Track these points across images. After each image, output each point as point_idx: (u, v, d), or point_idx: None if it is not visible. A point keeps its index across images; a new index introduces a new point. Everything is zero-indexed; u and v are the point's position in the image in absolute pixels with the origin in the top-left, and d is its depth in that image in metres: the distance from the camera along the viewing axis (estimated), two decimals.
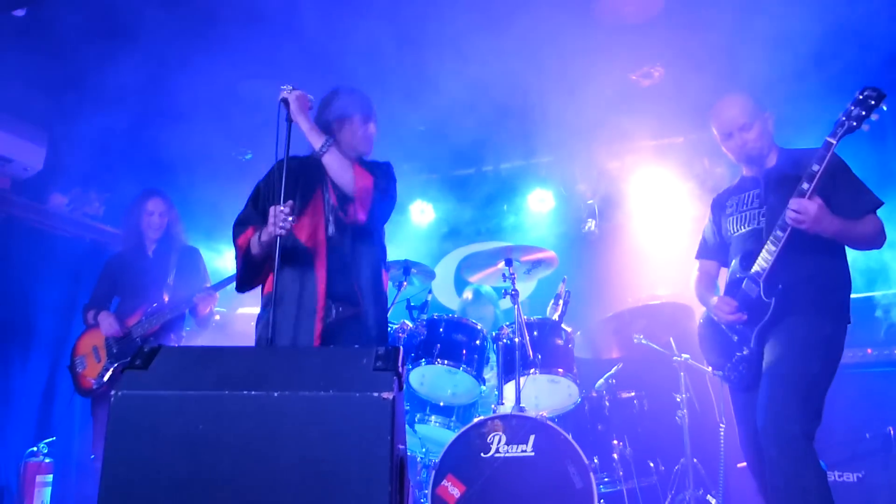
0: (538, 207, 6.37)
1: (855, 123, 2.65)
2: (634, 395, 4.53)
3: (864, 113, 2.64)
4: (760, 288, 2.87)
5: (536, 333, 4.08)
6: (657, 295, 4.97)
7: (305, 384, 1.74)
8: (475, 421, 3.60)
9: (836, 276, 2.92)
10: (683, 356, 4.33)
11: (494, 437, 3.52)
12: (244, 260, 2.95)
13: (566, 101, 5.00)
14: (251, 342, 5.36)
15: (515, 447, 3.50)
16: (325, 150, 2.89)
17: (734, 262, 3.11)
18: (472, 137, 5.61)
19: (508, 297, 4.05)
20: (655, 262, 5.48)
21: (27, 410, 5.20)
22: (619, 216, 6.04)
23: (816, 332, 2.80)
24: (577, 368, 4.15)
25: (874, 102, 2.63)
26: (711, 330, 3.18)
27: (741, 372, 2.99)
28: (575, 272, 5.43)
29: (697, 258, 3.40)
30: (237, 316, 5.79)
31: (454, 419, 4.28)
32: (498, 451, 3.49)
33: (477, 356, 4.19)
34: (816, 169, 2.68)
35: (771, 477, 2.72)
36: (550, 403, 4.13)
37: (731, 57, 4.28)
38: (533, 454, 3.48)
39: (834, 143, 2.67)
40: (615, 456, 4.23)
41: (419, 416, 4.27)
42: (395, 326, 4.26)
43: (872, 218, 2.86)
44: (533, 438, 3.50)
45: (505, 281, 4.15)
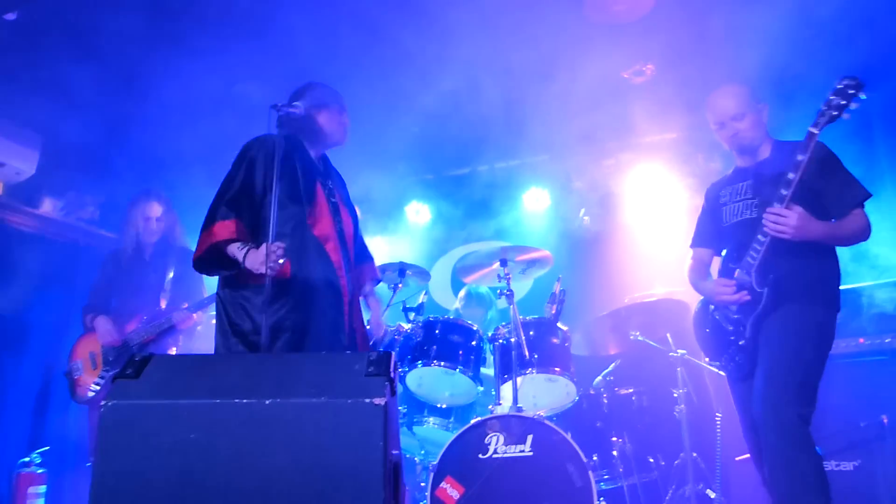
0: (534, 206, 6.37)
1: (836, 113, 2.69)
2: (633, 391, 4.53)
3: (843, 102, 2.67)
4: (753, 278, 2.91)
5: (533, 333, 4.07)
6: (653, 292, 4.97)
7: (297, 391, 1.73)
8: (473, 422, 3.59)
9: (826, 266, 2.96)
10: (680, 352, 4.33)
11: (492, 437, 3.51)
12: (215, 251, 2.81)
13: (560, 99, 5.00)
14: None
15: (514, 447, 3.49)
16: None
17: (726, 252, 3.16)
18: (466, 137, 5.61)
19: (504, 297, 4.05)
20: (651, 258, 5.48)
21: (20, 418, 5.16)
22: (614, 213, 6.05)
23: (809, 319, 2.85)
24: (574, 366, 4.15)
25: (853, 91, 2.67)
26: (707, 321, 3.21)
27: (738, 362, 3.03)
28: (571, 270, 5.43)
29: (692, 247, 3.43)
30: None
31: (452, 420, 4.28)
32: (496, 451, 3.48)
33: (474, 357, 4.19)
34: (801, 159, 2.72)
35: (769, 461, 2.75)
36: (548, 402, 4.13)
37: (722, 53, 4.28)
38: (531, 454, 3.47)
39: (816, 132, 2.71)
40: (615, 453, 4.23)
41: (417, 417, 4.26)
42: (391, 328, 4.25)
43: (859, 213, 2.89)
44: (531, 438, 3.50)
45: (500, 281, 4.14)
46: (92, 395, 4.21)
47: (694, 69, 4.50)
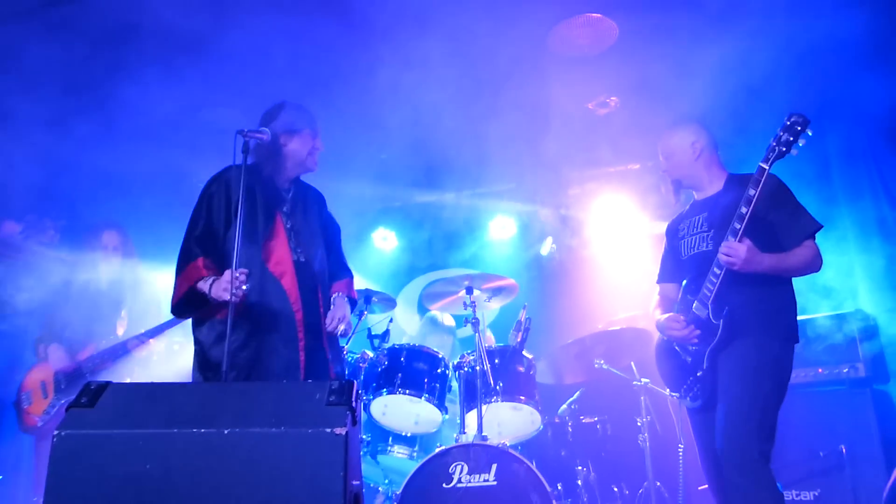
0: (500, 234, 6.42)
1: (784, 149, 2.76)
2: (597, 419, 4.54)
3: (792, 138, 2.75)
4: (709, 310, 2.94)
5: (498, 361, 4.07)
6: (617, 320, 5.02)
7: (257, 421, 1.70)
8: (436, 451, 3.56)
9: (780, 296, 3.00)
10: (644, 380, 4.36)
11: (456, 466, 3.48)
12: (189, 294, 2.84)
13: (526, 129, 5.08)
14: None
15: (478, 477, 3.46)
16: None
17: (684, 284, 3.20)
18: (434, 165, 5.65)
19: (469, 325, 4.05)
20: (615, 287, 5.54)
21: None
22: (578, 242, 6.12)
23: (766, 352, 2.87)
24: (539, 395, 4.15)
25: (800, 128, 2.75)
26: (667, 352, 3.24)
27: (696, 393, 3.04)
28: (536, 298, 5.47)
29: (658, 283, 3.47)
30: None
31: (417, 449, 4.23)
32: (460, 481, 3.45)
33: (439, 385, 4.16)
34: (752, 193, 2.79)
35: (731, 498, 2.77)
36: (513, 431, 4.12)
37: (684, 86, 4.40)
38: (495, 483, 3.45)
39: (766, 168, 2.79)
40: (579, 482, 4.23)
41: (381, 446, 4.20)
42: (356, 356, 4.22)
43: (809, 244, 2.94)
44: (495, 467, 3.48)
45: (466, 309, 4.15)
46: (41, 424, 4.09)
47: (656, 101, 4.61)
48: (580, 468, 4.28)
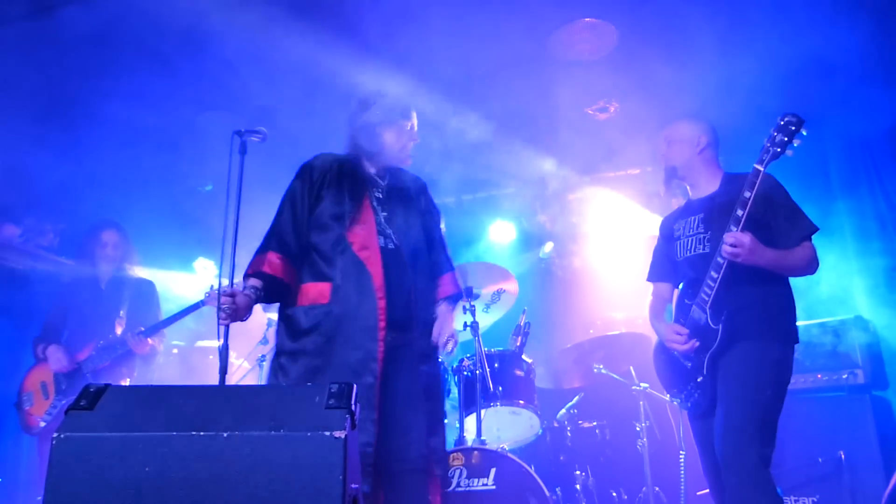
0: (499, 239, 6.42)
1: (779, 149, 2.72)
2: (596, 424, 4.55)
3: (786, 139, 2.71)
4: (707, 315, 2.91)
5: (497, 365, 4.07)
6: (616, 325, 5.03)
7: (256, 424, 1.70)
8: None
9: (780, 299, 2.97)
10: (643, 385, 4.36)
11: (455, 471, 3.48)
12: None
13: (526, 133, 5.10)
14: (210, 375, 5.33)
15: (476, 481, 3.46)
16: None
17: (682, 287, 3.17)
18: (433, 169, 5.65)
19: (468, 328, 4.05)
20: (614, 292, 5.54)
21: None
22: (578, 246, 6.12)
23: (766, 355, 2.85)
24: (538, 399, 4.15)
25: (795, 128, 2.70)
26: (666, 357, 3.21)
27: (696, 399, 3.02)
28: (536, 303, 5.47)
29: (649, 280, 3.42)
30: (195, 349, 5.68)
31: None
32: (459, 485, 3.45)
33: None
34: (748, 195, 2.75)
35: (731, 502, 2.74)
36: (512, 435, 4.12)
37: (684, 90, 4.41)
38: (494, 487, 3.45)
39: (761, 169, 2.74)
40: (578, 486, 4.23)
41: None
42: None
43: (806, 245, 2.92)
44: (494, 471, 3.47)
45: (465, 313, 4.14)
46: (43, 425, 4.09)
47: (656, 107, 4.62)
48: (579, 473, 4.29)
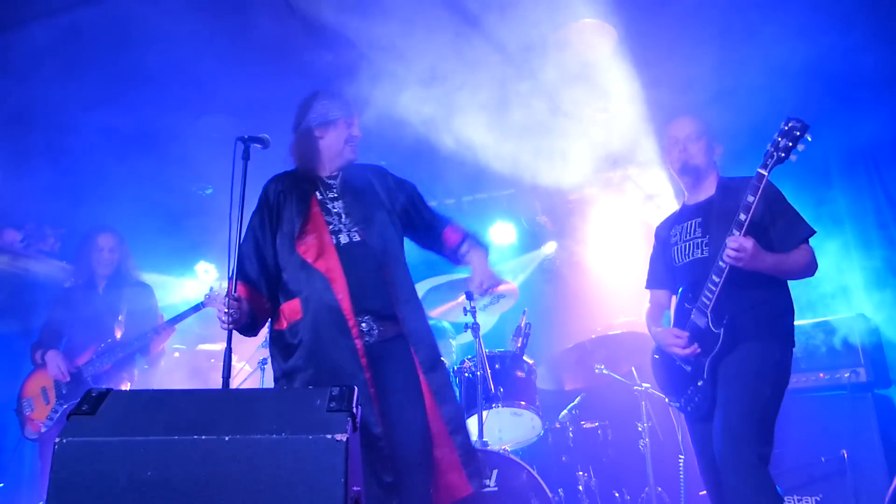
0: (500, 240, 6.42)
1: (783, 154, 2.71)
2: (598, 425, 4.55)
3: (790, 144, 2.70)
4: (709, 319, 2.90)
5: (498, 366, 4.08)
6: (617, 325, 5.02)
7: (257, 427, 1.70)
8: None
9: (779, 302, 2.98)
10: (644, 385, 4.36)
11: None
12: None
13: (525, 134, 5.09)
14: (210, 379, 5.34)
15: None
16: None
17: (680, 292, 3.16)
18: (433, 170, 5.65)
19: (469, 330, 4.05)
20: (615, 292, 5.54)
21: None
22: (578, 247, 6.12)
23: (766, 357, 2.85)
24: (539, 400, 4.15)
25: (799, 133, 2.69)
26: (665, 362, 3.20)
27: (697, 403, 3.01)
28: (536, 304, 5.47)
29: (648, 288, 3.42)
30: (197, 352, 5.69)
31: None
32: None
33: None
34: (751, 200, 2.74)
35: (730, 502, 2.75)
36: (514, 436, 4.12)
37: (684, 92, 4.42)
38: (496, 489, 3.44)
39: (765, 174, 2.73)
40: (580, 487, 4.23)
41: None
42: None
43: (805, 248, 2.94)
44: (496, 473, 3.47)
45: (466, 315, 4.14)
46: (45, 430, 4.09)
47: (655, 105, 4.63)
48: (581, 473, 4.29)
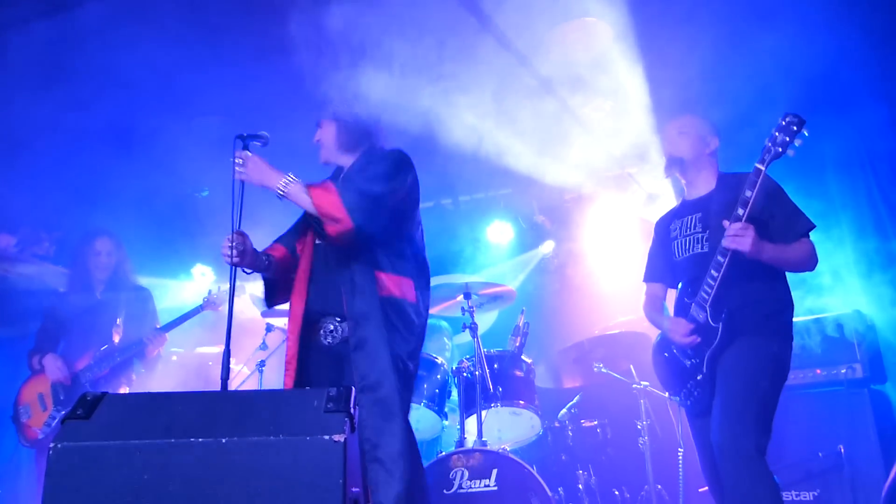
0: (497, 239, 6.42)
1: (781, 149, 2.73)
2: (597, 423, 4.55)
3: (787, 139, 2.72)
4: (707, 313, 2.92)
5: (497, 366, 4.07)
6: (615, 324, 5.03)
7: (255, 429, 1.70)
8: (437, 457, 3.56)
9: (778, 297, 3.00)
10: (643, 383, 4.36)
11: (457, 472, 3.48)
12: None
13: (522, 133, 5.09)
14: (210, 381, 5.32)
15: (478, 482, 3.46)
16: (282, 191, 2.69)
17: (680, 286, 3.18)
18: (430, 171, 5.64)
19: (468, 330, 4.05)
20: (613, 291, 5.54)
21: None
22: (576, 245, 6.12)
23: (764, 351, 2.87)
24: (538, 399, 4.15)
25: (796, 128, 2.71)
26: (665, 356, 3.22)
27: (696, 397, 3.03)
28: (534, 303, 5.47)
29: (645, 281, 3.44)
30: (195, 355, 5.67)
31: None
32: (461, 486, 3.45)
33: (438, 391, 4.17)
34: (749, 195, 2.76)
35: (728, 493, 2.76)
36: (513, 436, 4.12)
37: (679, 89, 4.42)
38: (496, 488, 3.45)
39: (763, 169, 2.75)
40: (580, 486, 4.23)
41: None
42: None
43: (805, 241, 2.95)
44: (496, 472, 3.48)
45: (464, 314, 4.14)
46: (42, 436, 4.07)
47: (652, 103, 4.63)
48: (581, 472, 4.28)
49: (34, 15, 4.07)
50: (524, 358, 4.21)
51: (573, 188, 6.14)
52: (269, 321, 4.74)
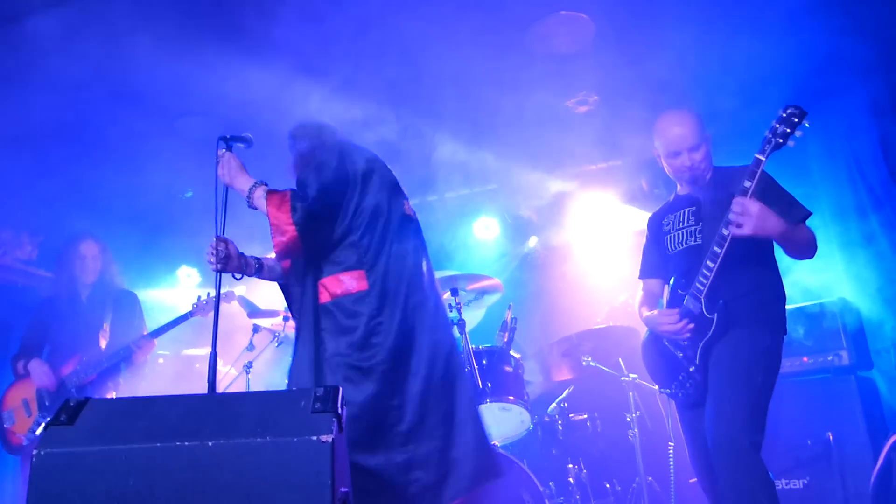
0: (484, 235, 6.42)
1: (781, 140, 2.71)
2: (587, 416, 4.56)
3: (788, 130, 2.70)
4: (702, 304, 2.92)
5: (485, 362, 4.06)
6: (603, 317, 5.04)
7: (241, 431, 1.68)
8: None
9: (772, 288, 3.00)
10: (632, 376, 4.37)
11: None
12: None
13: (507, 128, 5.09)
14: (197, 383, 5.28)
15: None
16: (249, 199, 2.72)
17: (673, 280, 3.17)
18: (415, 168, 5.63)
19: (455, 327, 4.03)
20: (600, 284, 5.56)
21: None
22: (562, 240, 6.13)
23: (758, 343, 2.86)
24: (528, 394, 4.15)
25: (797, 120, 2.70)
26: (656, 349, 3.20)
27: (688, 389, 3.02)
28: (522, 298, 5.47)
29: (641, 278, 3.43)
30: (181, 358, 5.63)
31: None
32: None
33: None
34: (748, 185, 2.73)
35: (722, 488, 2.76)
36: (503, 431, 4.11)
37: (662, 80, 4.43)
38: (487, 485, 3.43)
39: (763, 159, 2.73)
40: (571, 479, 4.23)
41: None
42: None
43: (805, 227, 2.94)
44: None
45: (451, 311, 4.13)
46: (27, 443, 4.02)
47: (636, 97, 4.63)
48: (571, 466, 4.29)
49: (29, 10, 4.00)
50: (512, 353, 4.20)
51: (559, 182, 6.15)
52: (255, 322, 4.71)
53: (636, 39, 4.37)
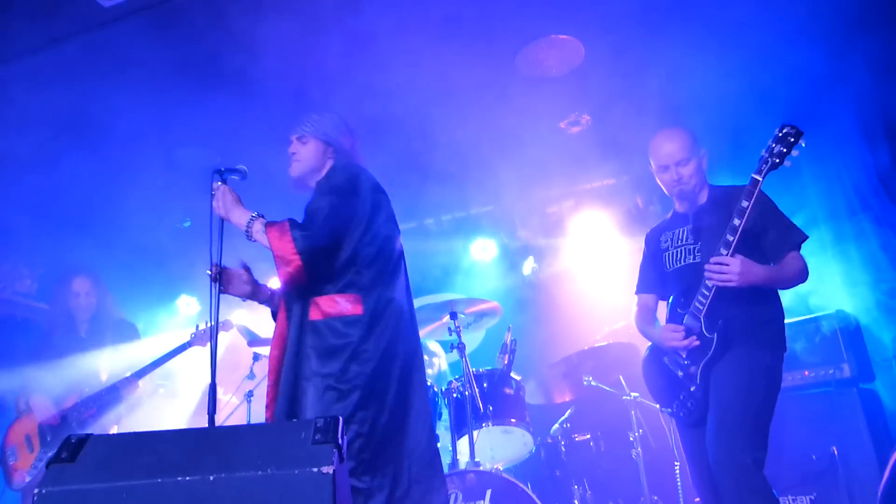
0: (481, 256, 6.44)
1: (777, 160, 2.74)
2: (590, 436, 4.54)
3: (784, 150, 2.73)
4: (702, 324, 2.93)
5: (486, 385, 4.05)
6: (603, 336, 5.03)
7: (242, 464, 1.67)
8: None
9: (770, 306, 3.01)
10: (633, 394, 4.36)
11: (451, 495, 3.45)
12: None
13: (501, 152, 5.13)
14: (198, 412, 5.26)
15: None
16: (245, 230, 2.73)
17: (672, 298, 3.18)
18: (411, 192, 5.66)
19: (455, 350, 4.03)
20: (599, 303, 5.56)
21: None
22: (560, 260, 6.14)
23: (758, 362, 2.87)
24: (530, 416, 4.13)
25: (793, 139, 2.73)
26: (656, 368, 3.21)
27: (689, 408, 3.02)
28: (521, 319, 5.47)
29: (637, 293, 3.44)
30: (182, 387, 5.61)
31: None
32: None
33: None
34: (746, 205, 2.76)
35: None
36: (506, 454, 4.10)
37: (654, 99, 4.47)
38: None
39: (760, 179, 2.76)
40: (576, 501, 4.21)
41: None
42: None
43: (796, 255, 2.96)
44: (490, 493, 3.46)
45: (451, 334, 4.13)
46: (29, 479, 3.99)
47: (628, 116, 4.67)
48: (576, 487, 4.27)
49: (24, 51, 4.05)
50: (513, 375, 4.20)
51: (554, 202, 6.18)
52: (256, 351, 4.70)
53: (629, 60, 4.41)
